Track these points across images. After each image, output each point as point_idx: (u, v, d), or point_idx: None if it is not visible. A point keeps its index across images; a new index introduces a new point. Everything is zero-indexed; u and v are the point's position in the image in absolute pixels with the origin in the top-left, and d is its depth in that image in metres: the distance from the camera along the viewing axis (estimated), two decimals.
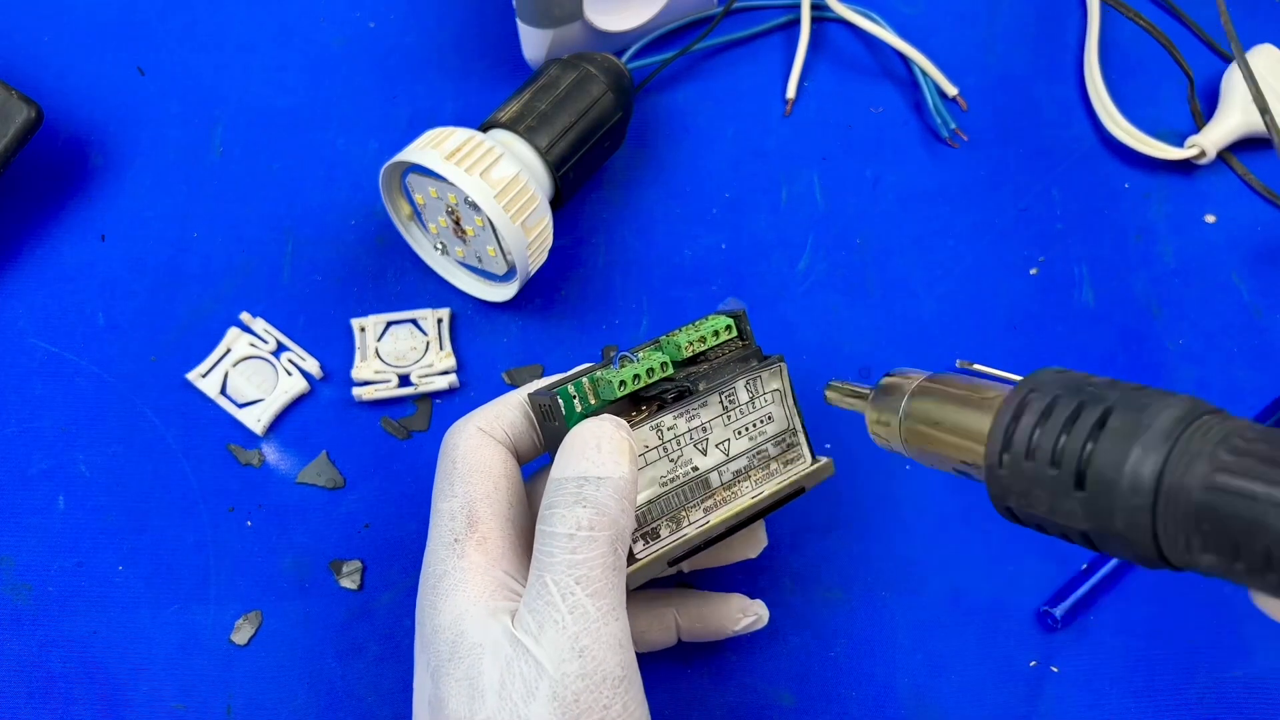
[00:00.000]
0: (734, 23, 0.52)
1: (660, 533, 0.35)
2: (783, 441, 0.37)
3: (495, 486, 0.34)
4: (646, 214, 0.48)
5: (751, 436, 0.37)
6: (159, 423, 0.44)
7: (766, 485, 0.37)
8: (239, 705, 0.40)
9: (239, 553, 0.42)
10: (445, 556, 0.33)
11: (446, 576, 0.33)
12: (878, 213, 0.49)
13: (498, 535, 0.33)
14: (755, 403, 0.37)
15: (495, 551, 0.33)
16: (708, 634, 0.39)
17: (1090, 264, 0.48)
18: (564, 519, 0.31)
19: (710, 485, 0.36)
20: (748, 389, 0.37)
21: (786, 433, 0.38)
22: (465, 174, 0.41)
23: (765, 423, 0.37)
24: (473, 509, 0.34)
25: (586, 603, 0.30)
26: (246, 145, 0.49)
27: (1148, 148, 0.49)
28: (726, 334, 0.37)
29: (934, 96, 0.50)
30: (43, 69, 0.50)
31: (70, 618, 0.41)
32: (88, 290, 0.46)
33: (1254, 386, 0.45)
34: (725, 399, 0.36)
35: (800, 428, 0.38)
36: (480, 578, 0.32)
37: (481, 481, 0.34)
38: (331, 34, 0.52)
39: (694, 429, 0.36)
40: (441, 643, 0.32)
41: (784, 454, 0.37)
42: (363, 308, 0.46)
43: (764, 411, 0.37)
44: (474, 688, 0.30)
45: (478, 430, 0.35)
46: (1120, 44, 0.53)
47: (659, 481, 0.35)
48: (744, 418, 0.37)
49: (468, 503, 0.34)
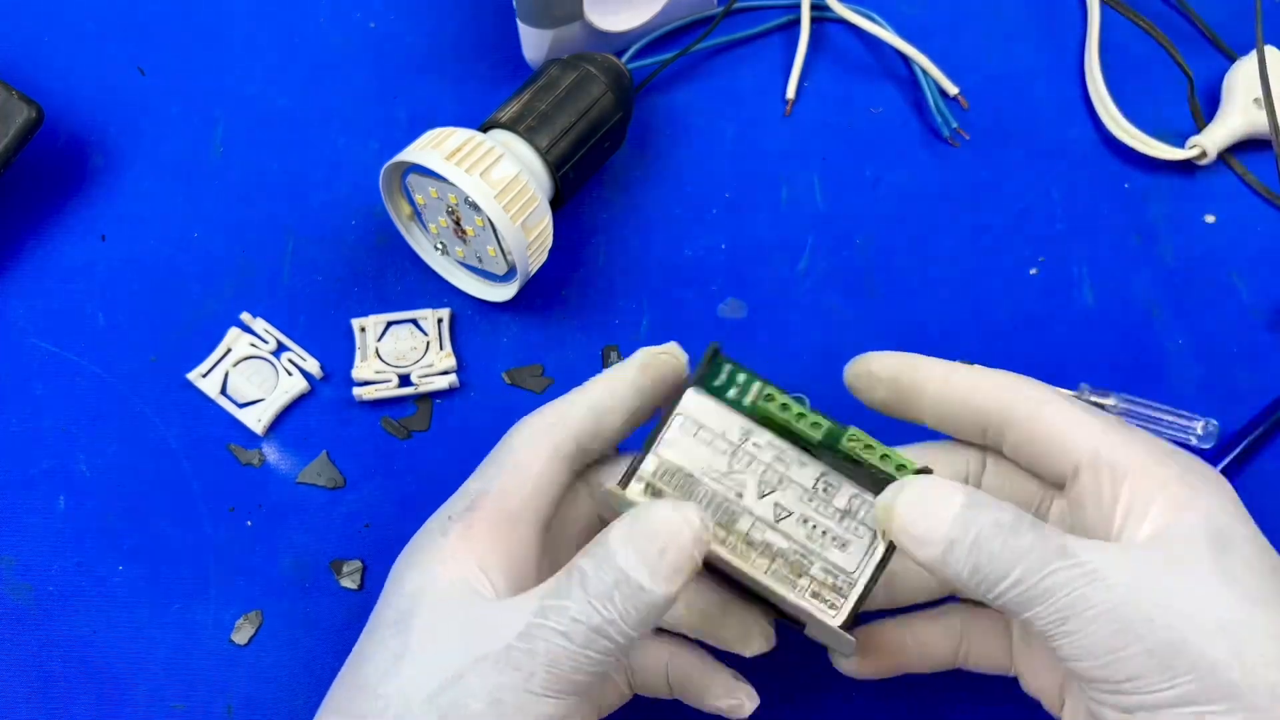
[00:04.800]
0: (734, 23, 0.52)
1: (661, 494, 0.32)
2: (833, 577, 0.32)
3: (518, 484, 0.33)
4: (646, 214, 0.48)
5: (810, 536, 0.32)
6: (159, 423, 0.44)
7: (776, 583, 0.32)
8: (239, 705, 0.40)
9: (239, 553, 0.42)
10: (431, 530, 0.33)
11: (421, 550, 0.32)
12: (878, 213, 0.49)
13: (488, 528, 0.32)
14: (844, 521, 0.32)
15: (479, 543, 0.32)
16: (687, 697, 0.36)
17: (1090, 264, 0.48)
18: (582, 602, 0.29)
19: (734, 520, 0.32)
20: (850, 504, 0.32)
21: (845, 576, 0.32)
22: (465, 174, 0.41)
23: (836, 544, 0.32)
24: (479, 497, 0.33)
25: (543, 677, 0.29)
26: (247, 145, 0.49)
27: (1148, 148, 0.49)
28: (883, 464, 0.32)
29: (935, 96, 0.50)
30: (43, 69, 0.50)
31: (70, 618, 0.41)
32: (88, 290, 0.46)
33: (1253, 387, 0.45)
34: (823, 486, 0.32)
35: (863, 591, 0.32)
36: (452, 561, 0.31)
37: (507, 477, 0.33)
38: (332, 34, 0.52)
39: (771, 470, 0.32)
40: (390, 607, 0.31)
41: (823, 587, 0.32)
42: (363, 308, 0.46)
43: (846, 534, 0.32)
44: (397, 660, 0.30)
45: (535, 430, 0.34)
46: (1121, 44, 0.53)
47: (703, 469, 0.32)
48: (821, 517, 0.32)
49: (480, 491, 0.33)
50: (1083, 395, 0.44)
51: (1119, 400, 0.44)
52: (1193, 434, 0.43)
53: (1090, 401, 0.44)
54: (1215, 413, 0.44)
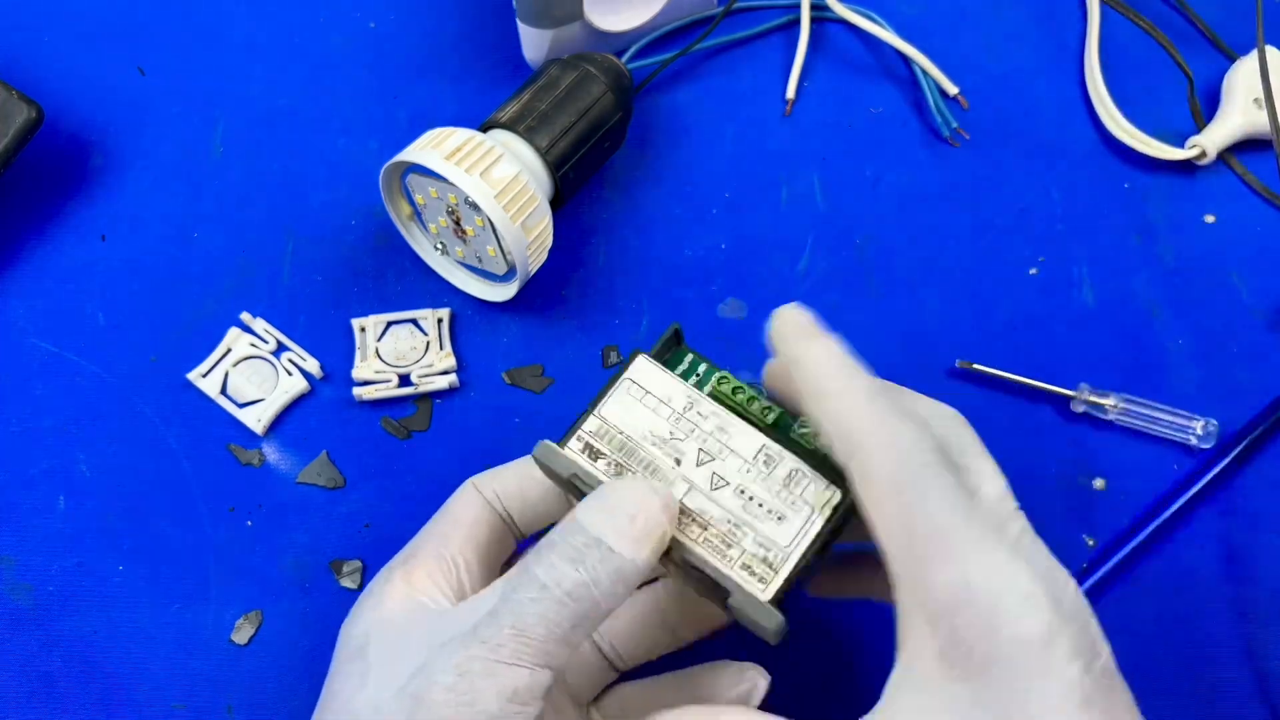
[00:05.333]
0: (734, 23, 0.52)
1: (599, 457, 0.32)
2: (766, 550, 0.31)
3: (452, 530, 0.35)
4: (646, 214, 0.48)
5: (746, 507, 0.31)
6: (159, 423, 0.44)
7: (706, 552, 0.31)
8: (239, 705, 0.40)
9: (239, 553, 0.42)
10: (375, 581, 0.34)
11: (369, 597, 0.33)
12: (878, 212, 0.49)
13: (425, 571, 0.33)
14: (782, 493, 0.31)
15: (420, 583, 0.33)
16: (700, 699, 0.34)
17: (1090, 264, 0.48)
18: (550, 566, 0.29)
19: (670, 486, 0.31)
20: (790, 478, 0.32)
21: (779, 549, 0.31)
22: (465, 174, 0.41)
23: (772, 516, 0.31)
24: (417, 546, 0.35)
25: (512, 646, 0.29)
26: (247, 145, 0.49)
27: (1148, 148, 0.49)
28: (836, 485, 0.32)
29: (935, 96, 0.50)
30: (43, 69, 0.50)
31: (70, 618, 0.41)
32: (88, 290, 0.46)
33: (1253, 387, 0.45)
34: (764, 458, 0.32)
35: (795, 566, 0.30)
36: (400, 595, 0.32)
37: (440, 524, 0.35)
38: (332, 34, 0.52)
39: (712, 440, 0.32)
40: (346, 648, 0.32)
41: (754, 560, 0.31)
42: (363, 308, 0.46)
43: (783, 508, 0.31)
44: (362, 678, 0.30)
45: (467, 486, 0.36)
46: (1120, 44, 0.53)
47: (644, 434, 0.32)
48: (759, 488, 0.31)
49: (418, 544, 0.35)
50: (1081, 395, 0.44)
51: (1118, 400, 0.44)
52: (1192, 434, 0.43)
53: (1089, 401, 0.44)
54: (1215, 413, 0.44)
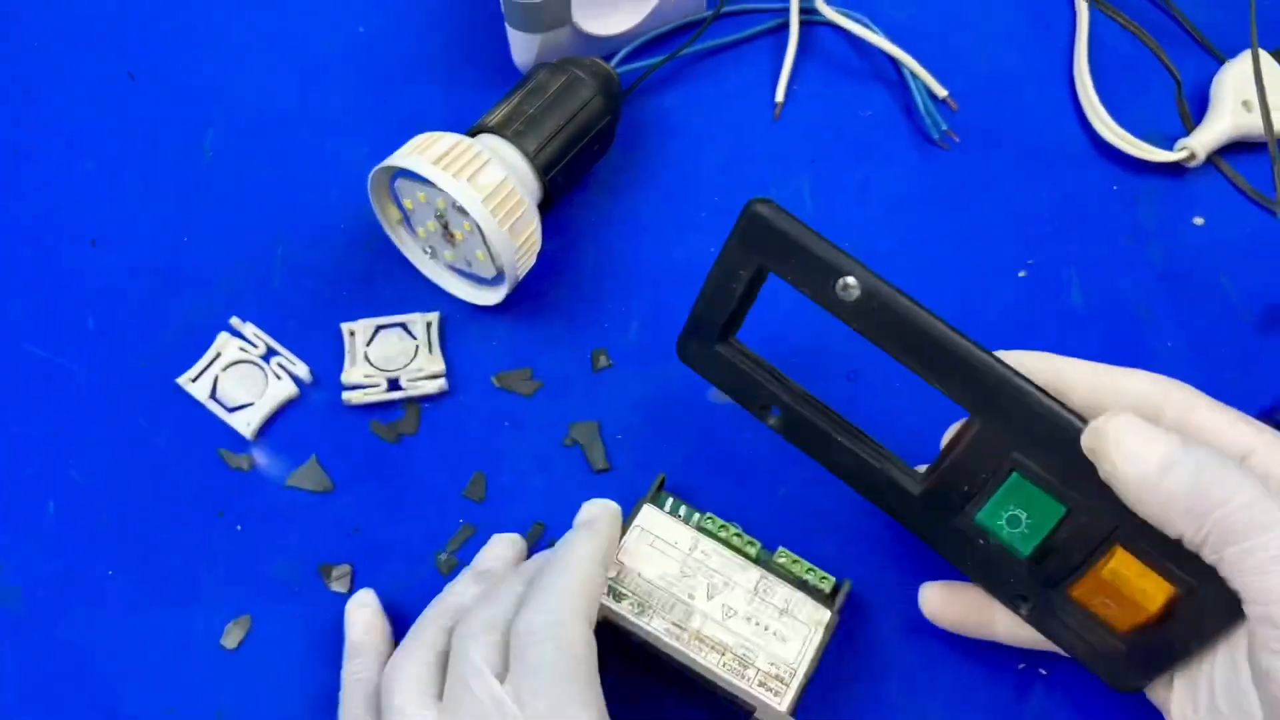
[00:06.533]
0: (722, 27, 0.52)
1: (622, 598, 0.37)
2: (777, 668, 0.37)
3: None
4: (635, 218, 0.48)
5: (755, 632, 0.37)
6: (149, 427, 0.44)
7: (729, 675, 0.36)
8: (229, 709, 0.40)
9: (228, 557, 0.42)
10: None
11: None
12: (867, 215, 0.49)
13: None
14: (783, 618, 0.37)
15: None
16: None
17: (1079, 266, 0.48)
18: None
19: (689, 618, 0.37)
20: (786, 602, 0.38)
21: (787, 665, 0.37)
22: (453, 179, 0.41)
23: (777, 638, 0.37)
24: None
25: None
26: (236, 150, 0.49)
27: (1137, 150, 0.49)
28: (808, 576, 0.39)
29: (924, 98, 0.50)
30: (32, 74, 0.50)
31: (59, 622, 0.41)
32: (78, 295, 0.46)
33: (1243, 389, 0.45)
34: (762, 588, 0.38)
35: (804, 679, 0.37)
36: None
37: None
38: (321, 39, 0.52)
39: (718, 575, 0.38)
40: None
41: (769, 677, 0.37)
42: (352, 312, 0.46)
43: (785, 630, 0.37)
44: None
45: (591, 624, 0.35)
46: (1109, 46, 0.53)
47: (659, 575, 0.38)
48: (763, 615, 0.37)
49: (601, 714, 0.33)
50: None
51: None
52: None
53: None
54: None
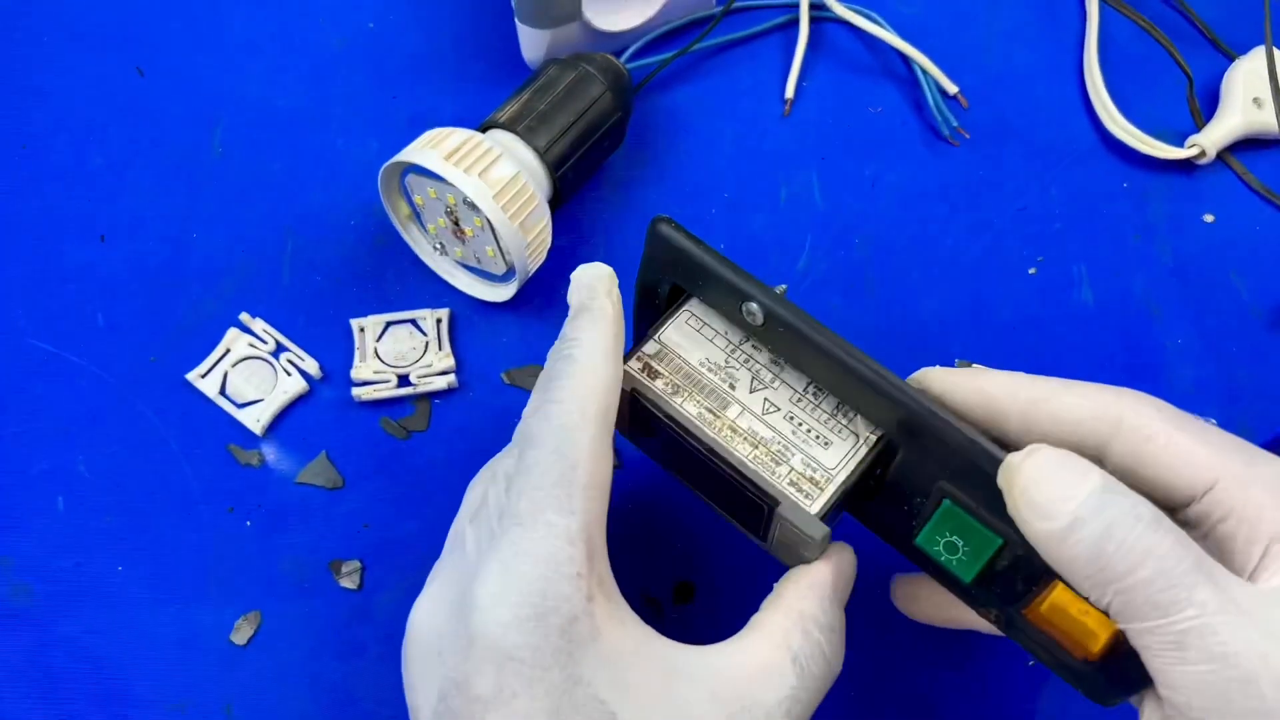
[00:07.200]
0: (733, 23, 0.52)
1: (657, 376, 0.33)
2: (813, 470, 0.32)
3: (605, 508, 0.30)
4: (645, 214, 0.48)
5: (795, 431, 0.32)
6: (158, 423, 0.44)
7: (756, 466, 0.32)
8: (238, 705, 0.40)
9: (238, 553, 0.42)
10: (570, 594, 0.28)
11: (578, 621, 0.28)
12: (877, 212, 0.49)
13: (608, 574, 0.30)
14: (830, 422, 0.33)
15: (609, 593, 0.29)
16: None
17: (1089, 263, 0.48)
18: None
19: (724, 406, 0.33)
20: (838, 409, 0.33)
21: (825, 470, 0.32)
22: (464, 174, 0.41)
23: (819, 441, 0.32)
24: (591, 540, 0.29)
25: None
26: (246, 145, 0.49)
27: (1147, 147, 0.49)
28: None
29: (934, 95, 0.50)
30: (43, 69, 0.50)
31: (69, 618, 0.41)
32: (87, 291, 0.46)
33: (1253, 388, 0.45)
34: (813, 390, 0.33)
35: (841, 485, 0.31)
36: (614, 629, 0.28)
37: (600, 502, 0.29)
38: (331, 34, 0.52)
39: (766, 370, 0.33)
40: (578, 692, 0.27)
41: (801, 478, 0.32)
42: (362, 308, 0.46)
43: (830, 435, 0.32)
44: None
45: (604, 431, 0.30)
46: (1120, 43, 0.53)
47: (700, 360, 0.33)
48: (809, 417, 0.33)
49: (585, 525, 0.28)
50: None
51: None
52: None
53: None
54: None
